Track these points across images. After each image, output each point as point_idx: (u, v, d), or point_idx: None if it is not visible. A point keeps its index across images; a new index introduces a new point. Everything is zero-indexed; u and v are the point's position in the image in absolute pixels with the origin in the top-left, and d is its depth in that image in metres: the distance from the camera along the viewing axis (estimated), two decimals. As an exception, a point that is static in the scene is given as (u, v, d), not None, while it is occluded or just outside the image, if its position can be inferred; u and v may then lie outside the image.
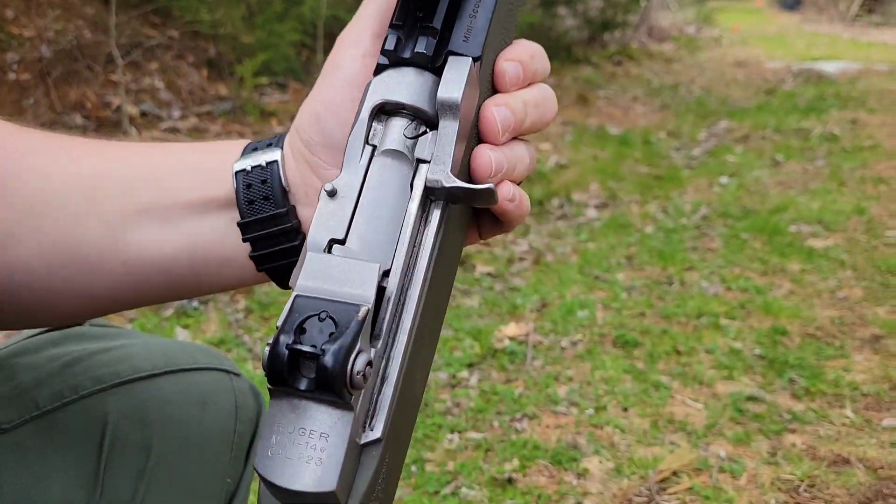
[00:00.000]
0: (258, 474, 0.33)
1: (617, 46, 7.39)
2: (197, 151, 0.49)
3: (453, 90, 0.38)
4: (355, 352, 0.31)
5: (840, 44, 10.18)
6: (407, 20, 0.40)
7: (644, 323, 2.35)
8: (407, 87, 0.39)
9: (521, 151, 0.44)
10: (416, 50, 0.39)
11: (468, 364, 2.13)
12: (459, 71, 0.38)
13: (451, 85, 0.38)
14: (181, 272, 0.47)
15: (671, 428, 1.83)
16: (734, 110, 5.69)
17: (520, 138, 0.44)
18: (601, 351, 2.20)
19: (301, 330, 0.32)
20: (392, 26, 0.40)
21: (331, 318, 0.32)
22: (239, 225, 0.46)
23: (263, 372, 0.32)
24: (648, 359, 2.14)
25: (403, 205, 0.38)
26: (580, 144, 4.56)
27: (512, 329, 2.32)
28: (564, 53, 6.37)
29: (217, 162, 0.48)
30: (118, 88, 3.68)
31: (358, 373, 0.31)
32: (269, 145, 0.47)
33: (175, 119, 3.84)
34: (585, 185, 3.81)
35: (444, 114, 0.38)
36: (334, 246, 0.37)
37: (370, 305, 0.33)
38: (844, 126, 5.03)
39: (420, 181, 0.38)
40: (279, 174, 0.46)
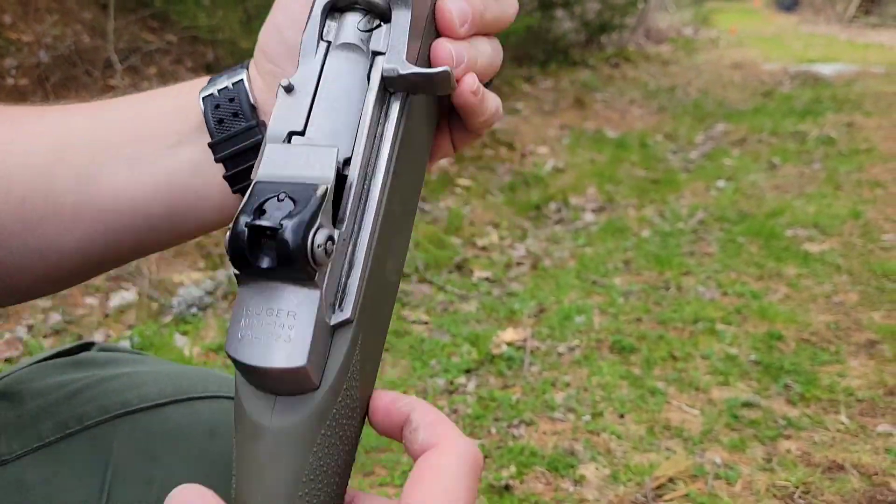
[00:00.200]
0: (230, 358, 0.33)
1: (614, 49, 7.41)
2: (161, 94, 0.49)
3: None
4: (315, 226, 0.32)
5: (837, 45, 10.19)
6: None
7: (641, 328, 2.36)
8: None
9: (484, 46, 0.43)
10: None
11: (466, 370, 2.14)
12: None
13: None
14: (158, 212, 0.46)
15: (667, 434, 1.84)
16: (731, 113, 5.70)
17: (483, 35, 0.43)
18: (598, 357, 2.21)
19: (261, 211, 0.32)
20: None
21: (290, 198, 0.33)
22: (210, 146, 0.46)
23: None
24: (645, 365, 2.15)
25: (361, 97, 0.38)
26: (577, 148, 4.57)
27: (510, 334, 2.33)
28: (562, 56, 6.38)
29: (183, 98, 0.47)
30: (116, 93, 3.69)
31: (318, 246, 0.32)
32: (234, 70, 0.47)
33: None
34: (583, 190, 3.82)
35: (396, 4, 0.38)
36: (293, 137, 0.38)
37: (329, 184, 0.34)
38: (840, 129, 5.05)
39: (377, 72, 0.38)
40: (246, 91, 0.46)
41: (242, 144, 0.45)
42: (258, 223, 0.32)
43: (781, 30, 13.09)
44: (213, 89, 0.46)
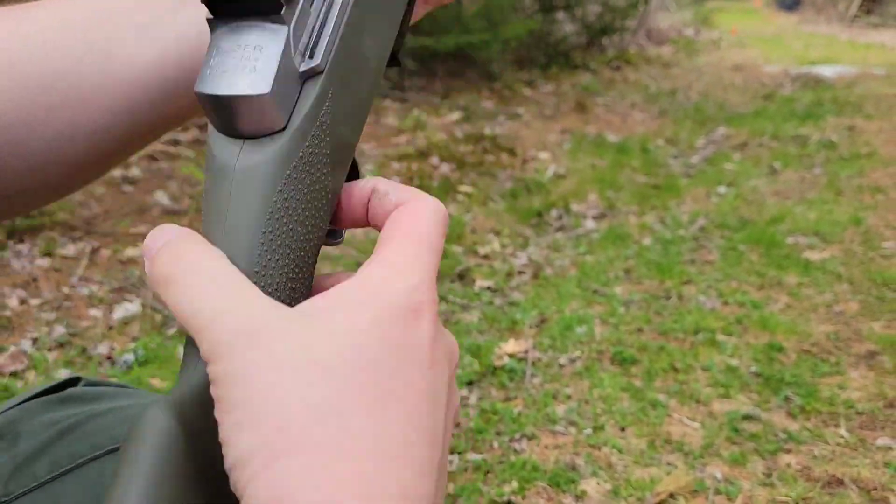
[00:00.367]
0: (197, 95, 0.33)
1: (615, 51, 7.41)
2: None
3: None
4: None
5: (837, 45, 10.19)
6: None
7: (642, 339, 2.37)
8: None
9: None
10: None
11: (468, 382, 2.15)
12: None
13: None
14: (174, 77, 0.47)
15: (668, 448, 1.85)
16: (732, 116, 5.71)
17: None
18: (599, 368, 2.22)
19: None
20: None
21: None
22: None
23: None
24: (646, 376, 2.16)
25: None
26: (578, 153, 4.58)
27: (511, 346, 2.34)
28: (563, 60, 6.39)
29: None
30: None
31: None
32: None
33: (176, 130, 3.86)
34: (584, 196, 3.83)
35: None
36: None
37: None
38: (842, 133, 5.06)
39: None
40: None
41: None
42: None
43: (782, 29, 13.08)
44: None
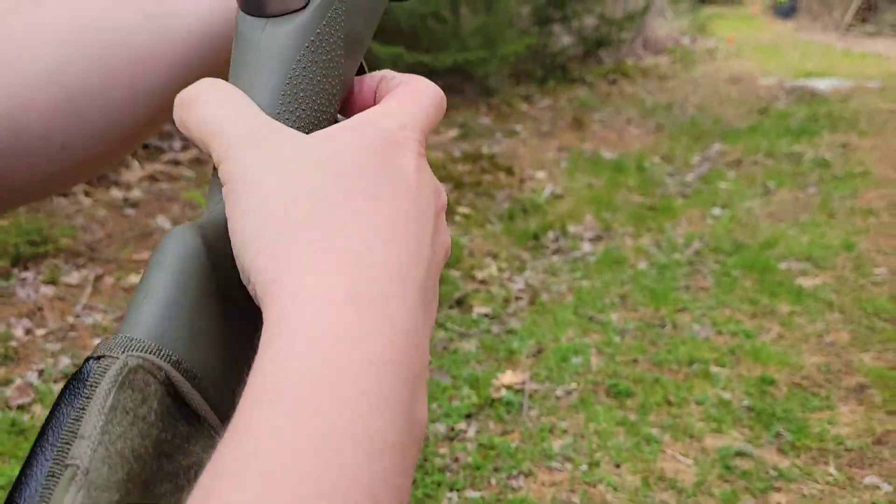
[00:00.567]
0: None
1: (612, 62, 7.46)
2: None
3: None
4: None
5: (833, 55, 10.26)
6: None
7: (637, 370, 2.42)
8: None
9: None
10: None
11: (466, 415, 2.19)
12: None
13: None
14: (220, 29, 0.48)
15: (662, 485, 1.90)
16: (727, 131, 5.76)
17: None
18: (595, 401, 2.26)
19: None
20: None
21: None
22: None
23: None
24: (640, 410, 2.21)
25: None
26: (575, 172, 4.63)
27: (509, 377, 2.38)
28: (560, 73, 6.43)
29: None
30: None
31: None
32: None
33: (176, 151, 3.89)
34: (580, 217, 3.88)
35: None
36: None
37: None
38: (835, 150, 5.11)
39: None
40: None
41: None
42: None
43: (779, 37, 13.15)
44: None
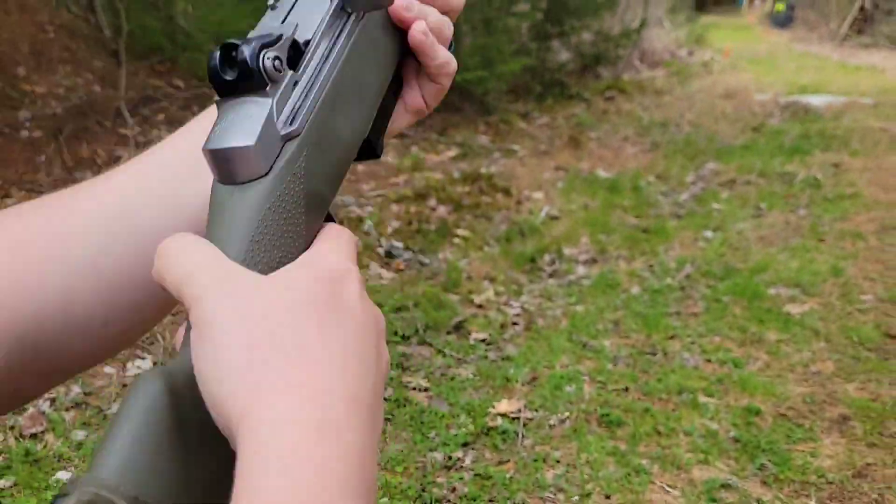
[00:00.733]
0: (203, 152, 0.42)
1: (610, 78, 7.56)
2: (180, 146, 0.54)
3: None
4: (267, 49, 0.43)
5: (828, 67, 10.37)
6: None
7: (628, 400, 2.51)
8: None
9: (434, 12, 0.52)
10: None
11: (463, 444, 2.28)
12: None
13: None
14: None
15: (650, 517, 1.99)
16: (722, 149, 5.86)
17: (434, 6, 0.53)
18: (587, 430, 2.35)
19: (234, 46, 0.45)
20: None
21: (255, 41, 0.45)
22: None
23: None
24: (631, 440, 2.29)
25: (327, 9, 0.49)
26: (571, 192, 4.72)
27: (504, 405, 2.47)
28: (558, 89, 6.53)
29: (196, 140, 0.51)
30: (127, 141, 3.82)
31: (268, 59, 0.42)
32: None
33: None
34: (576, 240, 3.97)
35: None
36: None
37: (287, 34, 0.45)
38: (827, 170, 5.21)
39: None
40: None
41: None
42: (226, 41, 0.44)
43: (775, 48, 13.27)
44: None
